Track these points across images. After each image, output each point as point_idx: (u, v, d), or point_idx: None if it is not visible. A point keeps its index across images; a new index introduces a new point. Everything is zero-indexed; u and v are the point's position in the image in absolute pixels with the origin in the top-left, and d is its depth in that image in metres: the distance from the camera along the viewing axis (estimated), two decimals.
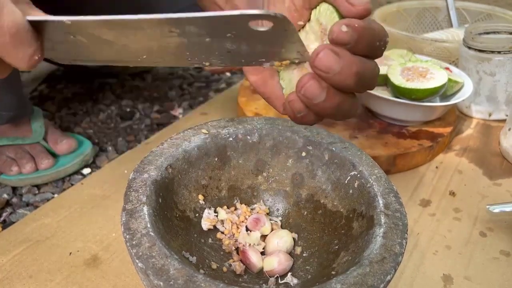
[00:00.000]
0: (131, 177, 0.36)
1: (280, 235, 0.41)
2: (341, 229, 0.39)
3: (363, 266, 0.31)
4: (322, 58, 0.28)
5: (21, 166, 0.61)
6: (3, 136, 0.61)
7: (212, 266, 0.38)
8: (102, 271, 0.46)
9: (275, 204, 0.45)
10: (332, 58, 0.28)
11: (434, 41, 0.80)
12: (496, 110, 0.74)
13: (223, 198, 0.44)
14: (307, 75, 0.30)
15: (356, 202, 0.39)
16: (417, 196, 0.58)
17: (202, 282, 0.28)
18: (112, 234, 0.50)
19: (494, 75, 0.70)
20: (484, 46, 0.69)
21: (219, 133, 0.43)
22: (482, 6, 0.95)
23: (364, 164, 0.40)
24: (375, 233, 0.34)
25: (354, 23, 0.28)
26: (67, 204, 0.55)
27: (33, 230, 0.51)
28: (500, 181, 0.61)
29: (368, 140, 0.62)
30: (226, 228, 0.41)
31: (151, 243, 0.31)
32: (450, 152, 0.67)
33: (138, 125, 0.78)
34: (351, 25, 0.28)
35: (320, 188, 0.42)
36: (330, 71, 0.28)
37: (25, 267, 0.46)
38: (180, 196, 0.40)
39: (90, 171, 0.65)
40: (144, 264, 0.29)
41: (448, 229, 0.52)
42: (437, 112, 0.65)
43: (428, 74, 0.63)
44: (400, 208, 0.36)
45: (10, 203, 0.59)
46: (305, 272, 0.39)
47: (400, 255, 0.32)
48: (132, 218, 0.33)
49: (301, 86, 0.30)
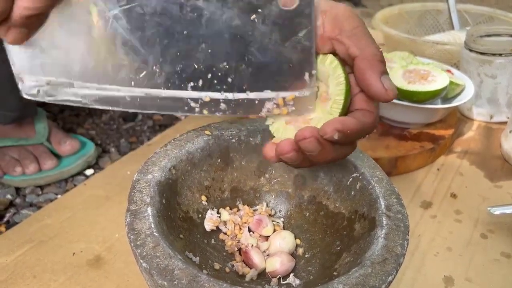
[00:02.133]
0: (135, 178, 0.37)
1: (282, 236, 0.41)
2: (343, 231, 0.39)
3: (365, 267, 0.31)
4: (306, 143, 0.30)
5: (24, 166, 0.61)
6: (7, 137, 0.62)
7: (215, 266, 0.38)
8: (105, 271, 0.46)
9: (278, 206, 0.45)
10: (315, 146, 0.31)
11: (435, 44, 0.81)
12: (497, 112, 0.74)
13: (226, 199, 0.44)
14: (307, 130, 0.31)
15: (358, 203, 0.39)
16: (419, 198, 0.58)
17: (206, 282, 0.29)
18: (115, 234, 0.50)
19: (495, 78, 0.71)
20: (486, 48, 0.69)
21: (222, 134, 0.43)
22: (483, 9, 0.95)
23: (366, 166, 0.40)
24: (376, 235, 0.34)
25: (347, 129, 0.30)
26: (70, 204, 0.55)
27: (37, 230, 0.51)
28: (501, 183, 0.61)
29: (370, 142, 0.63)
30: (229, 229, 0.42)
31: (155, 244, 0.31)
32: (451, 154, 0.67)
33: (140, 126, 0.78)
34: (343, 131, 0.30)
35: (322, 189, 0.43)
36: (308, 152, 0.31)
37: (28, 267, 0.46)
38: (184, 197, 0.40)
39: (93, 172, 0.66)
40: (148, 264, 0.30)
41: (449, 231, 0.53)
42: (438, 115, 0.65)
43: (430, 77, 0.63)
44: (401, 209, 0.36)
45: (14, 203, 0.59)
46: (307, 273, 0.39)
47: (401, 256, 0.32)
48: (136, 219, 0.33)
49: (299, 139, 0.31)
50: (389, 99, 0.31)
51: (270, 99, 0.34)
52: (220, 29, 0.31)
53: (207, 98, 0.33)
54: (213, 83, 0.33)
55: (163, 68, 0.32)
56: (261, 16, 0.31)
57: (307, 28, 0.32)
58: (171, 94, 0.33)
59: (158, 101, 0.33)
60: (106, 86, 0.33)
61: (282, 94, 0.34)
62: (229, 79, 0.33)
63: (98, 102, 0.33)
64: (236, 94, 0.33)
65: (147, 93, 0.33)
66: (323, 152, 0.31)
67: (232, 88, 0.33)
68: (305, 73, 0.33)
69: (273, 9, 0.31)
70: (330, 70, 0.33)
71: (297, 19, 0.31)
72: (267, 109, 0.34)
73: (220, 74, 0.33)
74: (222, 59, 0.32)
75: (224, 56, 0.32)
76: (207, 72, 0.33)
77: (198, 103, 0.34)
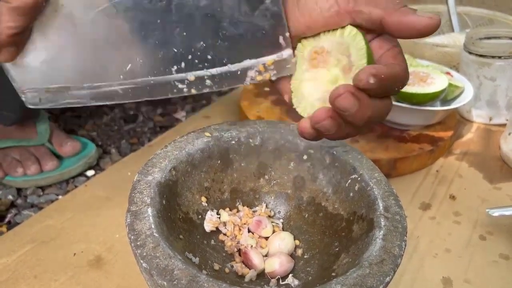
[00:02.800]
0: (135, 179, 0.37)
1: (281, 237, 0.41)
2: (342, 232, 0.40)
3: (362, 267, 0.31)
4: (341, 101, 0.29)
5: (26, 167, 0.61)
6: (9, 138, 0.62)
7: (214, 267, 0.39)
8: (106, 271, 0.46)
9: (277, 207, 0.45)
10: (352, 102, 0.29)
11: (435, 46, 0.81)
12: (496, 114, 0.74)
13: (226, 200, 0.44)
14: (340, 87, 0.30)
15: (356, 205, 0.39)
16: (418, 200, 0.58)
17: (205, 282, 0.29)
18: (116, 235, 0.51)
19: (494, 80, 0.71)
20: (485, 51, 0.69)
21: (222, 136, 0.43)
22: (483, 11, 0.95)
23: (365, 167, 0.40)
24: (375, 236, 0.34)
25: (381, 73, 0.29)
26: (71, 205, 0.55)
27: (38, 231, 0.51)
28: (500, 185, 0.61)
29: (369, 144, 0.63)
30: (229, 230, 0.42)
31: (155, 244, 0.31)
32: (450, 156, 0.67)
33: (141, 127, 0.78)
34: (377, 75, 0.29)
35: (321, 191, 0.43)
36: (346, 112, 0.30)
37: (30, 267, 0.46)
38: (184, 198, 0.41)
39: (94, 173, 0.66)
40: (148, 264, 0.30)
41: (448, 232, 0.53)
42: (437, 116, 0.65)
43: (429, 79, 0.63)
44: (399, 211, 0.37)
45: (15, 204, 0.60)
46: (306, 274, 0.39)
47: (399, 257, 0.33)
48: (137, 219, 0.33)
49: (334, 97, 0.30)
50: (437, 22, 0.30)
51: (251, 67, 0.36)
52: (191, 12, 0.33)
53: (192, 77, 0.35)
54: (195, 62, 0.35)
55: (146, 58, 0.35)
56: None
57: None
58: (159, 80, 0.35)
59: (148, 88, 0.36)
60: (99, 84, 0.35)
61: (262, 60, 0.36)
62: (209, 56, 0.35)
63: (94, 99, 0.35)
64: (218, 68, 0.36)
65: (136, 83, 0.35)
66: (360, 108, 0.30)
67: (214, 64, 0.35)
68: (279, 36, 0.35)
69: None
70: (349, 39, 0.33)
71: None
72: (250, 77, 0.36)
73: (200, 53, 0.35)
74: (198, 39, 0.34)
75: (200, 36, 0.34)
76: (187, 54, 0.35)
77: (184, 84, 0.36)
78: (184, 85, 0.36)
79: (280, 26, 0.34)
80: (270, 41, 0.35)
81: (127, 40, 0.34)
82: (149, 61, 0.35)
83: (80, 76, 0.35)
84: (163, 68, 0.35)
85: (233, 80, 0.36)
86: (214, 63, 0.35)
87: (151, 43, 0.34)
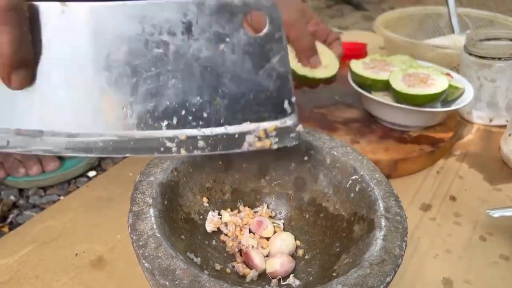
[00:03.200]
0: (137, 180, 0.37)
1: (282, 237, 0.41)
2: (342, 232, 0.40)
3: (363, 268, 0.32)
4: None
5: (28, 168, 0.62)
6: None
7: (216, 267, 0.39)
8: (108, 272, 0.46)
9: (278, 207, 0.45)
10: None
11: (436, 47, 0.81)
12: (496, 115, 0.75)
13: (227, 201, 0.45)
14: None
15: (357, 205, 0.40)
16: (418, 201, 0.58)
17: (207, 282, 0.29)
18: (117, 236, 0.51)
19: (494, 81, 0.71)
20: (485, 52, 0.69)
21: None
22: (484, 13, 0.96)
23: (365, 168, 0.41)
24: (375, 236, 0.35)
25: None
26: (73, 206, 0.56)
27: (40, 231, 0.51)
28: (500, 186, 0.62)
29: (370, 145, 0.63)
30: (230, 230, 0.42)
31: (157, 244, 0.32)
32: (450, 157, 0.67)
33: None
34: None
35: (322, 191, 0.43)
36: None
37: (31, 267, 0.47)
38: (185, 198, 0.41)
39: (95, 173, 0.66)
40: (150, 264, 0.30)
41: (448, 233, 0.53)
42: (438, 118, 0.66)
43: (429, 80, 0.63)
44: (400, 211, 0.37)
45: (17, 204, 0.60)
46: (307, 274, 0.39)
47: (399, 257, 0.33)
48: (139, 220, 0.34)
49: None
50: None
51: (251, 131, 0.33)
52: (189, 62, 0.30)
53: (183, 136, 0.32)
54: (188, 119, 0.32)
55: (134, 108, 0.31)
56: (230, 45, 0.30)
57: (280, 53, 0.30)
58: (145, 135, 0.32)
59: (132, 144, 0.32)
60: (77, 132, 0.31)
61: (263, 125, 0.33)
62: (205, 114, 0.31)
63: (69, 150, 0.32)
64: (214, 129, 0.32)
65: (120, 136, 0.32)
66: None
67: (209, 123, 0.32)
68: (284, 100, 0.32)
69: (242, 37, 0.30)
70: None
71: (268, 45, 0.30)
72: (248, 143, 0.33)
73: (195, 109, 0.31)
74: (195, 94, 0.31)
75: (196, 90, 0.31)
76: (180, 109, 0.31)
77: (174, 142, 0.32)
78: (173, 144, 0.32)
79: (286, 89, 0.32)
80: (274, 104, 0.32)
81: (114, 85, 0.30)
82: (137, 112, 0.31)
83: (56, 121, 0.31)
84: (152, 121, 0.31)
85: (229, 144, 0.33)
86: (210, 122, 0.32)
87: (142, 92, 0.30)
